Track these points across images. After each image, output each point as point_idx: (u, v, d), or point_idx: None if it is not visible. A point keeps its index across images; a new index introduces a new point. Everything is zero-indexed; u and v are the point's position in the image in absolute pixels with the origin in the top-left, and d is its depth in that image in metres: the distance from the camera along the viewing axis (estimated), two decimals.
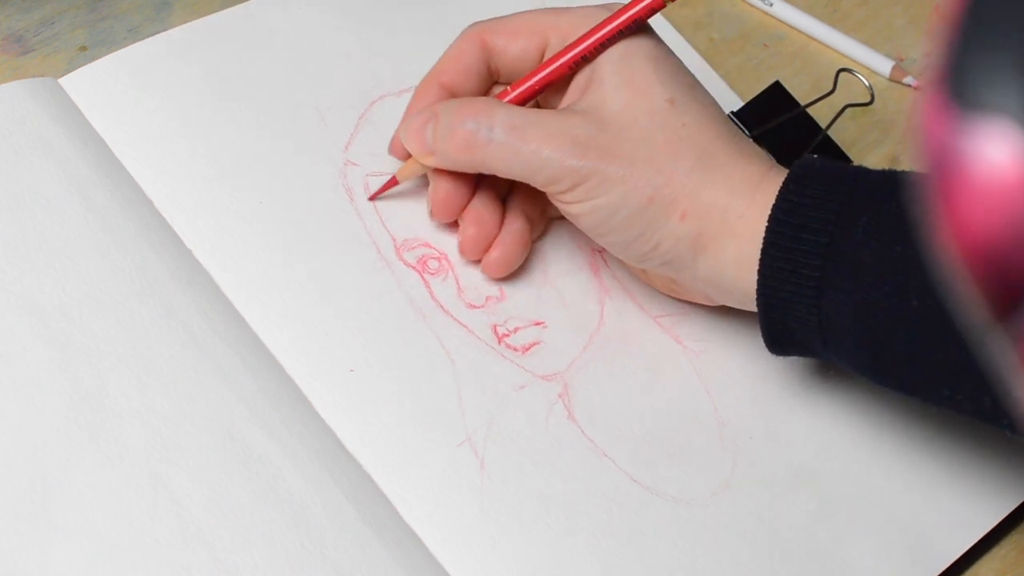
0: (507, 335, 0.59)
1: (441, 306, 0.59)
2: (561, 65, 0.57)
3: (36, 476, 0.50)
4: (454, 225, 0.60)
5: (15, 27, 0.63)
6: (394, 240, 0.60)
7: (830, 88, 0.67)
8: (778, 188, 0.54)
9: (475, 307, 0.59)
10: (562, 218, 0.60)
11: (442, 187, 0.58)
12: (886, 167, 0.56)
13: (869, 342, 0.53)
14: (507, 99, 0.58)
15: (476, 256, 0.60)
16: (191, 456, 0.52)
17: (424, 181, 0.60)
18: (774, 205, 0.53)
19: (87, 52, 0.63)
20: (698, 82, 0.57)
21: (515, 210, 0.60)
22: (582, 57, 0.56)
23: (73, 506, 0.50)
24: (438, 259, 0.60)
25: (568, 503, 0.55)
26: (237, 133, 0.61)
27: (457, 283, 0.60)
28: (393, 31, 0.66)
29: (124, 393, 0.53)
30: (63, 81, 0.60)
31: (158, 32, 0.62)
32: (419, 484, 0.54)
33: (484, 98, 0.58)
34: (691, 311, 0.61)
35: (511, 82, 0.59)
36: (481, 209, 0.59)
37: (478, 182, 0.59)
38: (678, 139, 0.55)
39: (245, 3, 0.65)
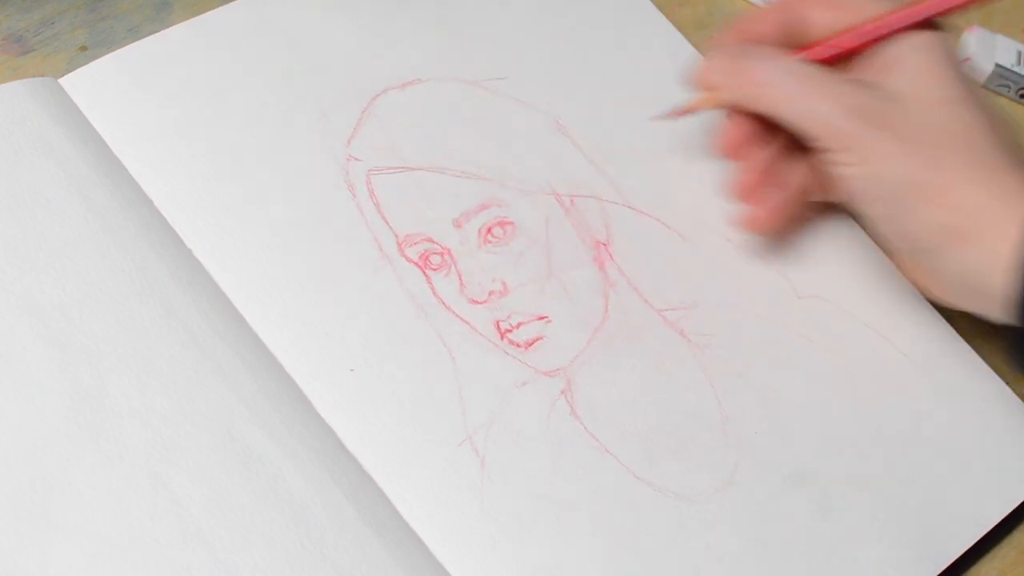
0: (510, 330, 0.59)
1: (443, 302, 0.59)
2: (867, 36, 0.59)
3: (36, 476, 0.51)
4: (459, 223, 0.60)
5: (15, 27, 0.63)
6: (396, 236, 0.60)
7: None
8: None
9: (477, 302, 0.59)
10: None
11: (735, 125, 0.60)
12: None
13: None
14: (800, 55, 0.59)
15: (742, 197, 0.61)
16: (191, 456, 0.52)
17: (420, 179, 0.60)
18: None
19: (87, 52, 0.63)
20: (980, 86, 0.59)
21: (791, 170, 0.61)
22: (885, 34, 0.58)
23: (73, 506, 0.50)
24: (440, 254, 0.60)
25: (570, 501, 0.55)
26: (238, 131, 0.61)
27: (460, 278, 0.59)
28: (395, 24, 0.66)
29: (124, 393, 0.53)
30: (63, 81, 0.60)
31: (158, 32, 0.62)
32: (419, 484, 0.54)
33: (780, 48, 0.60)
34: (696, 306, 0.61)
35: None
36: (755, 157, 0.61)
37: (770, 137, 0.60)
38: (958, 133, 0.56)
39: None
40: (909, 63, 0.57)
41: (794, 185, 0.61)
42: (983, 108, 0.57)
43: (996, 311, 0.55)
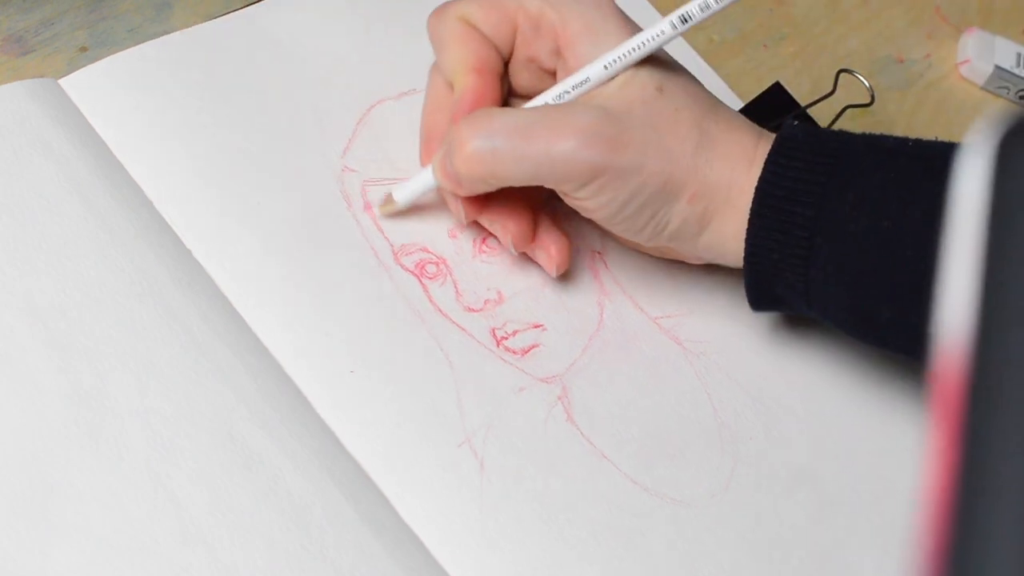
0: (506, 338, 0.59)
1: (439, 310, 0.59)
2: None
3: (36, 476, 0.50)
4: (452, 233, 0.60)
5: (15, 27, 0.63)
6: (392, 246, 0.60)
7: (830, 89, 0.67)
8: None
9: (474, 311, 0.59)
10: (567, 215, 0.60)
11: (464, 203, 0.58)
12: None
13: (855, 307, 0.54)
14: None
15: (524, 247, 0.59)
16: (191, 456, 0.52)
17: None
18: (760, 176, 0.54)
19: (87, 53, 0.63)
20: (677, 63, 0.58)
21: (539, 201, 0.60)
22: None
23: (73, 506, 0.50)
24: (436, 264, 0.60)
25: (567, 505, 0.55)
26: (236, 136, 0.61)
27: (455, 287, 0.60)
28: (391, 36, 0.66)
29: (124, 393, 0.53)
30: (63, 82, 0.60)
31: (158, 33, 0.62)
32: (419, 484, 0.54)
33: (484, 108, 0.56)
34: (691, 313, 0.61)
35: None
36: (508, 207, 0.59)
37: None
38: (676, 123, 0.55)
39: (245, 9, 0.65)
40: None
41: (552, 217, 0.60)
42: (682, 86, 0.56)
43: (739, 265, 0.56)
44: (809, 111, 0.67)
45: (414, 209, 0.61)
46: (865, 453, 0.59)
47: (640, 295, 0.61)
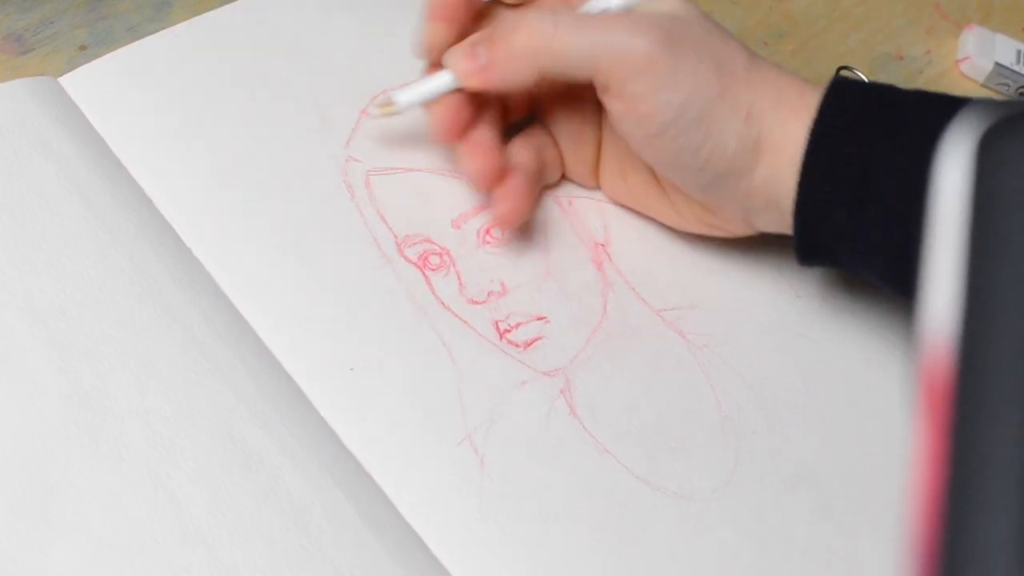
0: (509, 330, 0.59)
1: (442, 302, 0.59)
2: None
3: (36, 476, 0.51)
4: (456, 224, 0.60)
5: (15, 26, 0.63)
6: (395, 236, 0.60)
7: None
8: (819, 95, 0.54)
9: (477, 303, 0.59)
10: (569, 199, 0.60)
11: (448, 102, 0.57)
12: None
13: (903, 257, 0.53)
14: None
15: (487, 187, 0.58)
16: (191, 456, 0.52)
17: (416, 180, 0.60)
18: (819, 110, 0.53)
19: (87, 51, 0.63)
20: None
21: (522, 153, 0.59)
22: None
23: (73, 506, 0.50)
24: (439, 255, 0.60)
25: (569, 500, 0.55)
26: (237, 131, 0.61)
27: (459, 279, 0.59)
28: (393, 26, 0.66)
29: (124, 393, 0.53)
30: (63, 80, 0.60)
31: (158, 31, 0.62)
32: (419, 483, 0.54)
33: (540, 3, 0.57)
34: (695, 306, 0.61)
35: None
36: (484, 140, 0.58)
37: (478, 115, 0.58)
38: (726, 41, 0.55)
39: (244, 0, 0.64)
40: None
41: (529, 165, 0.59)
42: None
43: (786, 221, 0.55)
44: None
45: (417, 198, 0.60)
46: (868, 448, 0.59)
47: (644, 287, 0.61)
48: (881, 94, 0.54)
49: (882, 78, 0.70)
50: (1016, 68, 0.70)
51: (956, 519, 0.25)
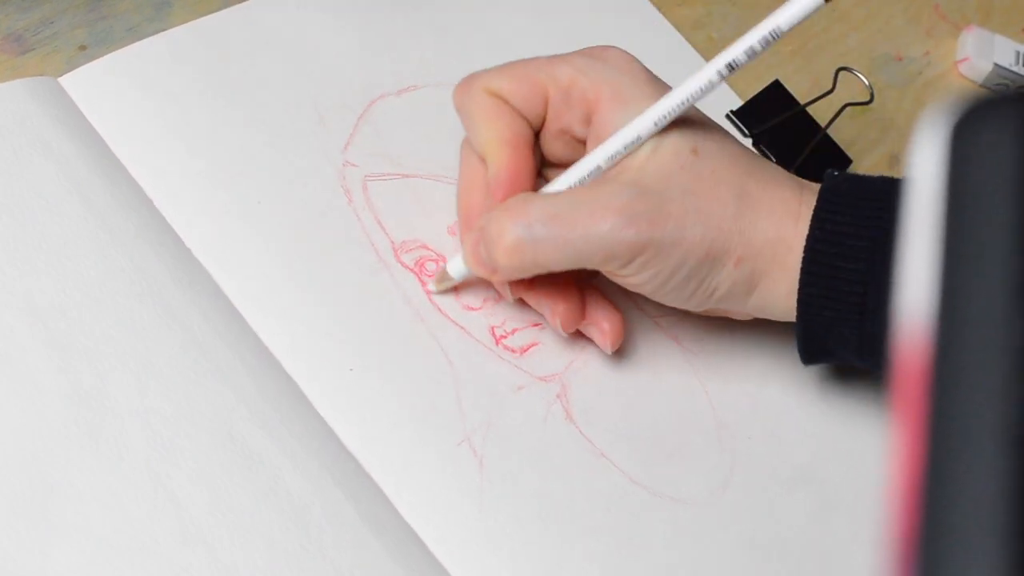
0: (505, 336, 0.59)
1: (438, 307, 0.59)
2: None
3: (36, 476, 0.50)
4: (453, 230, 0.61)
5: (15, 26, 0.63)
6: (392, 242, 0.60)
7: (829, 87, 0.67)
8: (812, 204, 0.54)
9: (473, 309, 0.59)
10: None
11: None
12: (886, 167, 0.57)
13: None
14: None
15: (576, 326, 0.58)
16: (191, 456, 0.52)
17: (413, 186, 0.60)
18: (808, 235, 0.53)
19: (87, 51, 0.63)
20: (710, 120, 0.56)
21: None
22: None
23: (73, 506, 0.50)
24: (435, 261, 0.60)
25: (566, 503, 0.55)
26: (236, 133, 0.61)
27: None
28: (392, 31, 0.66)
29: (124, 393, 0.53)
30: (63, 80, 0.60)
31: (158, 32, 0.62)
32: (419, 484, 0.54)
33: (519, 195, 0.55)
34: (690, 312, 0.61)
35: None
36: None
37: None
38: (715, 185, 0.54)
39: (244, 3, 0.64)
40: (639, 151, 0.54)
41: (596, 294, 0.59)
42: (718, 144, 0.55)
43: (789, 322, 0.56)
44: (808, 109, 0.67)
45: (414, 204, 0.61)
46: (863, 452, 0.59)
47: (639, 294, 0.61)
48: (872, 193, 0.54)
49: (881, 78, 0.70)
50: (1015, 69, 0.70)
51: (934, 511, 0.26)
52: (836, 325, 0.54)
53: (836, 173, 0.56)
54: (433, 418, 0.56)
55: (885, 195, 0.54)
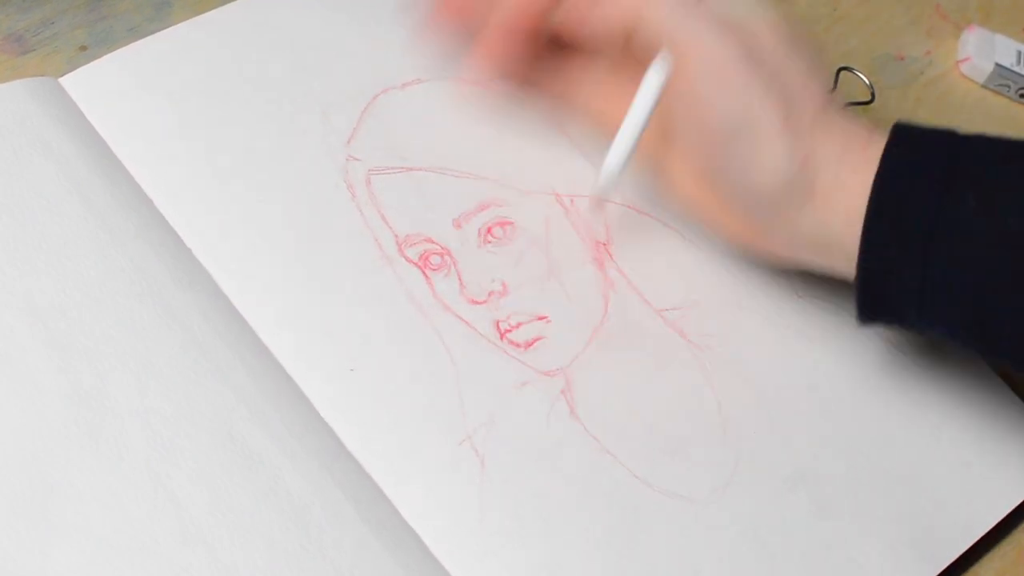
0: (509, 330, 0.59)
1: (442, 302, 0.59)
2: None
3: (36, 476, 0.51)
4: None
5: (15, 27, 0.63)
6: (396, 236, 0.60)
7: (831, 87, 0.67)
8: (882, 147, 0.53)
9: (477, 303, 0.59)
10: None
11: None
12: None
13: (974, 312, 0.52)
14: None
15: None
16: (191, 456, 0.52)
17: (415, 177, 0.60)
18: (881, 165, 0.53)
19: (87, 52, 0.63)
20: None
21: None
22: None
23: (73, 506, 0.50)
24: (440, 255, 0.60)
25: (569, 501, 0.55)
26: (238, 130, 0.61)
27: (459, 279, 0.59)
28: (395, 24, 0.65)
29: (124, 393, 0.53)
30: (63, 81, 0.60)
31: (158, 31, 0.62)
32: (419, 484, 0.54)
33: None
34: (696, 306, 0.61)
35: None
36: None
37: None
38: (806, 79, 0.54)
39: None
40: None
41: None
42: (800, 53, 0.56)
43: (834, 268, 0.55)
44: None
45: (418, 198, 0.61)
46: (868, 450, 0.58)
47: (646, 287, 0.61)
48: (944, 141, 0.53)
49: (882, 79, 0.70)
50: (1016, 69, 0.70)
51: None
52: (899, 267, 0.52)
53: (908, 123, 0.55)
54: (434, 417, 0.56)
55: (959, 143, 0.53)
